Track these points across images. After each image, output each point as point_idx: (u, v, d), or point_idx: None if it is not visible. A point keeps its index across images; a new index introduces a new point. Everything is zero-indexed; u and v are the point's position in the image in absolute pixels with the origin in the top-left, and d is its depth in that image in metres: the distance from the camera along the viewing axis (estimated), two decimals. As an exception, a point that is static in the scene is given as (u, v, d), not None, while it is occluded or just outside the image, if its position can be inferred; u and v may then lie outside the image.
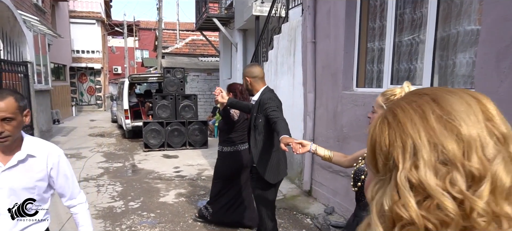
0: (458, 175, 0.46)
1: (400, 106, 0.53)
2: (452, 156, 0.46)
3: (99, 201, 5.06)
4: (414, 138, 0.49)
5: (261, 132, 2.85)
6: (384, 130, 0.53)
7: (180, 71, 8.76)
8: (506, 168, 0.46)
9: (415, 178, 0.47)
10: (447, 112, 0.49)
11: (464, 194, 0.45)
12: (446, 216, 0.45)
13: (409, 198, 0.47)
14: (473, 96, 0.52)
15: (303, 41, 5.15)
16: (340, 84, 4.29)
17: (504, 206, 0.46)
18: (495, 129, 0.49)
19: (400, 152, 0.49)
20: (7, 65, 4.67)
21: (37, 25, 9.33)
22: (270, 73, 6.53)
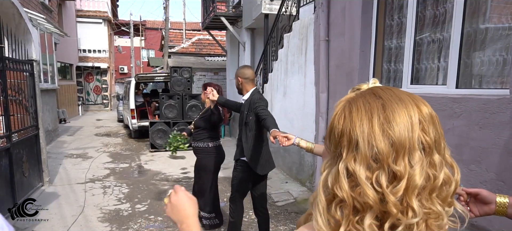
0: (383, 173, 0.59)
1: (357, 105, 0.65)
2: (382, 157, 0.59)
3: (105, 203, 4.93)
4: (358, 137, 0.61)
5: (251, 129, 3.12)
6: (340, 121, 0.65)
7: (187, 70, 8.62)
8: (420, 172, 0.59)
9: (352, 168, 0.61)
10: (388, 121, 0.61)
11: (383, 188, 0.59)
12: (368, 201, 0.59)
13: (344, 183, 0.61)
14: (417, 106, 0.63)
15: (315, 39, 4.98)
16: (356, 84, 4.09)
17: (412, 200, 0.59)
18: (426, 138, 0.61)
19: (346, 145, 0.63)
20: (12, 63, 4.55)
21: (44, 24, 9.25)
22: (279, 73, 6.37)
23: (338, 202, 0.63)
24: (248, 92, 3.22)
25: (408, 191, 0.59)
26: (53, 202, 4.89)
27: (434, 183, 0.62)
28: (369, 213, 0.60)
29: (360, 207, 0.61)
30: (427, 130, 0.62)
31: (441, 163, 0.63)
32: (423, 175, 0.60)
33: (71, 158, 7.87)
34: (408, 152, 0.60)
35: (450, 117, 2.83)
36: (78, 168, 6.88)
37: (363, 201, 0.60)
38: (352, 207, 0.61)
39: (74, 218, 4.39)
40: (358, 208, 0.61)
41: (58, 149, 8.79)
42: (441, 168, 0.63)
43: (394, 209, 0.59)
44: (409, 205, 0.60)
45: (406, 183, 0.59)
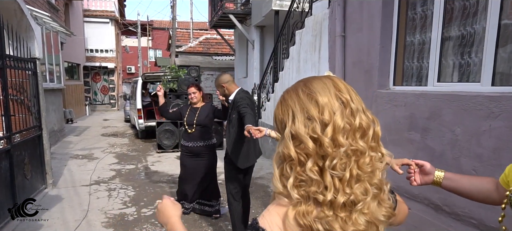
0: (317, 125, 0.78)
1: (287, 91, 0.87)
2: (312, 114, 0.79)
3: (110, 207, 4.72)
4: (293, 108, 0.81)
5: (234, 125, 3.40)
6: (279, 107, 0.86)
7: (195, 69, 8.41)
8: (341, 117, 0.78)
9: (294, 130, 0.79)
10: (309, 90, 0.82)
11: (318, 135, 0.77)
12: (308, 151, 0.77)
13: (289, 144, 0.79)
14: (330, 78, 0.85)
15: (330, 35, 4.72)
16: (375, 82, 3.85)
17: (339, 137, 0.76)
18: (342, 96, 0.80)
19: (287, 117, 0.82)
20: (13, 61, 4.36)
21: (49, 22, 9.10)
22: (291, 71, 6.12)
23: (288, 162, 0.79)
24: (233, 93, 3.51)
25: (335, 131, 0.76)
26: (56, 206, 4.69)
27: (354, 125, 0.78)
28: (310, 160, 0.76)
29: (303, 158, 0.77)
30: (342, 91, 0.81)
31: (357, 111, 0.79)
32: (344, 119, 0.77)
33: (76, 159, 7.70)
34: (330, 106, 0.78)
35: (486, 117, 2.56)
36: (83, 170, 6.69)
37: (305, 152, 0.77)
38: (297, 160, 0.77)
39: (77, 223, 4.19)
40: (302, 160, 0.77)
41: (64, 150, 8.63)
42: (358, 115, 0.79)
43: (329, 149, 0.75)
44: (337, 141, 0.76)
45: (332, 126, 0.76)
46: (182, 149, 4.38)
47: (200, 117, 4.18)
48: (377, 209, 0.81)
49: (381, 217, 0.81)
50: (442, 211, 3.06)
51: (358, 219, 0.77)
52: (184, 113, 4.32)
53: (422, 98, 3.19)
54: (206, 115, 4.19)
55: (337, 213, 0.76)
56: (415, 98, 3.27)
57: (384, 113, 3.70)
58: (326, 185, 0.76)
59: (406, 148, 3.41)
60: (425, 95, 3.17)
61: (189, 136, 4.20)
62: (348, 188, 0.76)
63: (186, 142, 4.24)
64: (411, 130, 3.32)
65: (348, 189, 0.76)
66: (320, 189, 0.76)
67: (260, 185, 5.78)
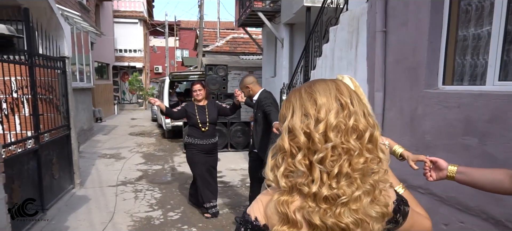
0: (311, 121, 0.84)
1: (293, 90, 0.95)
2: (309, 112, 0.85)
3: (136, 210, 4.59)
4: (293, 104, 0.89)
5: (260, 124, 3.60)
6: (284, 104, 0.93)
7: (222, 68, 8.24)
8: (335, 116, 0.84)
9: (291, 125, 0.86)
10: (311, 90, 0.89)
11: (310, 130, 0.83)
12: (299, 144, 0.84)
13: (285, 137, 0.86)
14: (335, 82, 0.92)
15: (369, 31, 4.38)
16: (422, 81, 3.48)
17: (330, 133, 0.82)
18: (341, 99, 0.86)
19: (288, 113, 0.89)
20: (42, 59, 4.29)
21: (80, 22, 9.20)
22: (324, 70, 5.80)
23: (281, 153, 0.87)
24: (256, 94, 3.72)
25: (327, 128, 0.83)
26: (83, 207, 4.61)
27: (348, 125, 0.84)
28: (300, 153, 0.84)
29: (295, 151, 0.85)
30: (343, 93, 0.88)
31: (355, 113, 0.85)
32: (338, 119, 0.84)
33: (104, 158, 7.69)
34: (328, 105, 0.85)
35: None
36: (111, 169, 6.65)
37: (297, 145, 0.84)
38: (289, 152, 0.85)
39: (103, 226, 4.07)
40: (294, 153, 0.85)
41: (92, 149, 8.68)
42: (355, 117, 0.85)
43: (319, 144, 0.82)
44: (328, 138, 0.82)
45: (325, 123, 0.83)
46: (193, 147, 4.25)
47: (211, 115, 4.27)
48: (369, 205, 0.84)
49: (373, 214, 0.85)
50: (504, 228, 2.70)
51: (342, 213, 0.82)
52: (192, 111, 4.24)
53: (482, 99, 2.82)
54: (215, 113, 4.34)
55: (319, 205, 0.82)
56: (472, 99, 2.90)
57: (432, 115, 3.34)
58: (314, 178, 0.82)
59: (460, 155, 3.04)
60: (485, 95, 2.80)
61: (203, 134, 4.21)
62: (335, 183, 0.82)
63: (200, 140, 4.21)
64: (467, 134, 2.95)
65: (334, 184, 0.82)
66: (306, 181, 0.83)
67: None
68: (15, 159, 3.47)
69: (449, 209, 3.14)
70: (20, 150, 3.61)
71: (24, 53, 3.94)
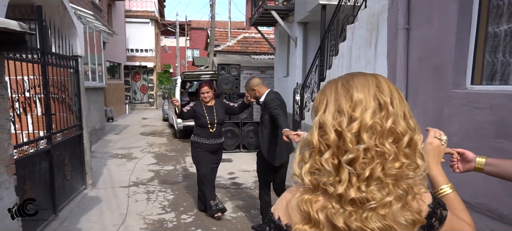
0: (344, 119, 0.79)
1: (329, 81, 0.89)
2: (343, 108, 0.80)
3: (149, 212, 4.50)
4: (328, 98, 0.84)
5: (266, 126, 3.57)
6: (318, 95, 0.89)
7: (235, 68, 8.12)
8: (371, 116, 0.78)
9: (322, 120, 0.81)
10: (348, 84, 0.83)
11: (342, 129, 0.78)
12: (329, 142, 0.79)
13: (315, 131, 0.82)
14: (375, 77, 0.85)
15: (390, 28, 4.21)
16: (448, 80, 3.31)
17: (363, 135, 0.76)
18: (381, 97, 0.80)
19: (321, 106, 0.84)
20: (55, 58, 4.23)
21: (93, 21, 9.19)
22: (340, 69, 5.63)
23: (309, 148, 0.83)
24: (263, 95, 3.66)
25: (361, 128, 0.77)
26: (95, 208, 4.54)
27: (384, 127, 0.78)
28: (328, 151, 0.79)
29: (323, 148, 0.80)
30: (383, 92, 0.81)
31: (394, 115, 0.79)
32: (374, 119, 0.77)
33: (116, 158, 7.65)
34: (365, 104, 0.79)
35: None
36: (122, 170, 6.59)
37: (326, 143, 0.79)
38: (317, 149, 0.81)
39: (116, 228, 3.98)
40: (322, 150, 0.80)
41: (104, 148, 8.65)
42: (393, 119, 0.79)
43: (350, 144, 0.76)
44: (361, 139, 0.77)
45: (359, 123, 0.77)
46: (199, 146, 4.28)
47: (219, 115, 4.30)
48: (399, 211, 0.79)
49: (401, 220, 0.79)
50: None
51: (369, 218, 0.77)
52: (200, 112, 4.26)
53: (517, 100, 2.64)
54: (223, 113, 4.36)
55: (344, 207, 0.77)
56: (506, 100, 2.72)
57: (460, 117, 3.16)
58: (341, 179, 0.77)
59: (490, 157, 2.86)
60: (521, 96, 2.62)
61: (210, 134, 4.24)
62: (364, 186, 0.77)
63: (206, 140, 4.24)
64: (500, 137, 2.77)
65: (363, 187, 0.77)
66: (332, 181, 0.78)
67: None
68: (27, 159, 3.40)
69: (479, 216, 2.95)
70: (32, 150, 3.54)
71: (37, 51, 3.87)
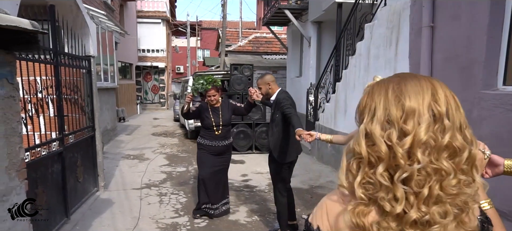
0: (394, 131, 0.72)
1: (378, 83, 0.80)
2: (394, 118, 0.72)
3: (162, 215, 4.40)
4: (376, 104, 0.76)
5: (277, 124, 3.56)
6: (365, 98, 0.80)
7: (248, 68, 8.00)
8: (426, 130, 0.70)
9: (369, 129, 0.74)
10: (400, 90, 0.74)
11: (392, 143, 0.71)
12: (381, 155, 0.71)
13: (361, 141, 0.74)
14: (431, 82, 0.76)
15: (412, 27, 4.03)
16: (478, 81, 3.13)
17: (417, 152, 0.69)
18: (436, 108, 0.72)
19: (367, 112, 0.77)
20: (67, 59, 4.16)
21: (105, 21, 9.17)
22: (357, 69, 5.47)
23: (356, 158, 0.75)
24: (275, 93, 3.66)
25: (414, 144, 0.70)
26: (107, 211, 4.45)
27: (440, 142, 0.70)
28: (382, 164, 0.71)
29: (374, 161, 0.72)
30: (439, 101, 0.72)
31: (451, 128, 0.71)
32: (428, 133, 0.69)
33: (128, 159, 7.59)
34: (418, 115, 0.71)
35: None
36: (134, 171, 6.52)
37: (377, 155, 0.72)
38: (367, 161, 0.73)
39: (128, 231, 3.89)
40: (373, 162, 0.73)
41: (116, 149, 8.61)
42: (450, 134, 0.70)
43: (402, 161, 0.69)
44: (414, 156, 0.69)
45: (412, 138, 0.70)
46: (203, 148, 4.26)
47: (225, 117, 4.22)
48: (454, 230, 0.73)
49: None
50: None
51: None
52: (206, 114, 4.22)
53: (559, 103, 2.45)
54: (229, 114, 4.28)
55: (404, 228, 0.72)
56: (545, 102, 2.53)
57: (491, 119, 2.98)
58: (397, 196, 0.71)
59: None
60: None
61: (216, 136, 4.19)
62: (425, 207, 0.70)
63: (210, 142, 4.20)
64: (538, 142, 2.59)
65: (424, 208, 0.70)
66: (388, 197, 0.72)
67: (322, 195, 5.15)
68: (39, 162, 3.32)
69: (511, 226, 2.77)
70: (44, 153, 3.46)
71: (50, 52, 3.80)
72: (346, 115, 5.95)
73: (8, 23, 1.88)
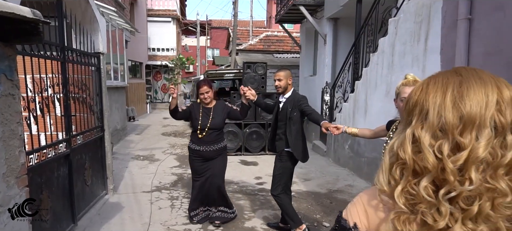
0: (447, 143, 0.63)
1: (436, 79, 0.69)
2: (448, 128, 0.63)
3: (173, 221, 4.15)
4: (429, 107, 0.66)
5: (295, 123, 3.48)
6: (417, 93, 0.70)
7: (261, 66, 7.72)
8: (485, 147, 0.60)
9: (418, 135, 0.66)
10: (461, 96, 0.64)
11: (443, 156, 0.62)
12: (427, 165, 0.63)
13: (408, 147, 0.66)
14: (498, 88, 0.64)
15: (445, 20, 3.72)
16: (526, 79, 2.79)
17: (471, 171, 0.61)
18: (500, 119, 0.62)
19: (417, 113, 0.68)
20: (75, 55, 3.93)
21: (116, 19, 8.99)
22: (380, 67, 5.15)
23: (400, 163, 0.68)
24: (289, 91, 3.56)
25: (469, 162, 0.61)
26: (116, 216, 4.22)
27: (500, 161, 0.61)
28: (427, 177, 0.64)
29: (419, 170, 0.65)
30: (504, 111, 0.63)
31: None
32: (487, 150, 0.61)
33: (137, 160, 7.38)
34: (477, 127, 0.62)
35: None
36: (144, 173, 6.29)
37: (423, 165, 0.64)
38: (412, 169, 0.66)
39: (139, 238, 3.65)
40: (418, 171, 0.65)
41: (125, 150, 8.41)
42: None
43: (451, 177, 0.61)
44: (468, 175, 0.61)
45: (467, 154, 0.61)
46: (190, 152, 3.93)
47: (215, 119, 3.79)
48: None
49: None
50: None
51: None
52: (196, 113, 3.81)
53: None
54: (221, 117, 3.84)
55: None
56: None
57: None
58: (441, 210, 0.64)
59: None
60: None
61: (200, 140, 3.77)
62: (472, 223, 0.63)
63: (196, 146, 3.81)
64: None
65: (471, 224, 0.63)
66: (431, 211, 0.65)
67: (342, 200, 4.89)
68: (45, 165, 3.09)
69: None
70: (49, 155, 3.23)
71: (56, 47, 3.58)
72: (367, 115, 5.63)
73: (4, 9, 1.63)
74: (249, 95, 3.52)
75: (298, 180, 5.81)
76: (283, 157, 3.59)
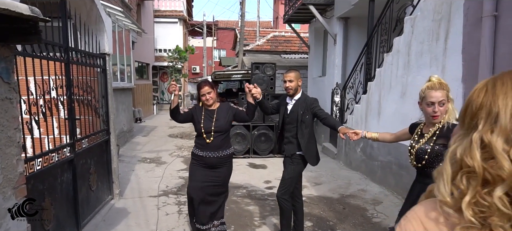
0: None
1: (503, 80, 0.64)
2: None
3: (181, 228, 4.00)
4: (500, 109, 0.61)
5: (307, 126, 3.38)
6: (481, 95, 0.65)
7: (270, 67, 7.55)
8: None
9: (487, 140, 0.60)
10: None
11: None
12: (502, 173, 0.57)
13: (476, 153, 0.61)
14: None
15: (467, 18, 3.52)
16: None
17: None
18: None
19: (484, 116, 0.62)
20: (80, 56, 3.79)
21: (122, 19, 8.88)
22: (395, 67, 4.95)
23: (465, 172, 0.62)
24: (299, 93, 3.45)
25: None
26: (122, 222, 4.08)
27: None
28: (501, 186, 0.58)
29: (491, 179, 0.60)
30: None
31: None
32: None
33: (144, 162, 7.25)
34: None
35: None
36: (151, 176, 6.15)
37: (496, 173, 0.59)
38: (481, 178, 0.60)
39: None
40: (489, 180, 0.60)
41: (132, 152, 8.29)
42: None
43: None
44: None
45: None
46: (194, 158, 3.50)
47: (219, 122, 3.39)
48: None
49: None
50: None
51: None
52: (198, 116, 3.44)
53: None
54: (226, 119, 3.45)
55: None
56: None
57: None
58: None
59: None
60: None
61: (206, 145, 3.38)
62: None
63: (200, 151, 3.42)
64: None
65: None
66: (506, 225, 0.58)
67: (355, 206, 4.69)
68: (47, 172, 2.96)
69: None
70: (53, 161, 3.10)
71: (60, 48, 3.44)
72: (380, 117, 5.43)
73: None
74: (255, 92, 3.23)
75: (309, 184, 5.63)
76: (295, 160, 3.46)
